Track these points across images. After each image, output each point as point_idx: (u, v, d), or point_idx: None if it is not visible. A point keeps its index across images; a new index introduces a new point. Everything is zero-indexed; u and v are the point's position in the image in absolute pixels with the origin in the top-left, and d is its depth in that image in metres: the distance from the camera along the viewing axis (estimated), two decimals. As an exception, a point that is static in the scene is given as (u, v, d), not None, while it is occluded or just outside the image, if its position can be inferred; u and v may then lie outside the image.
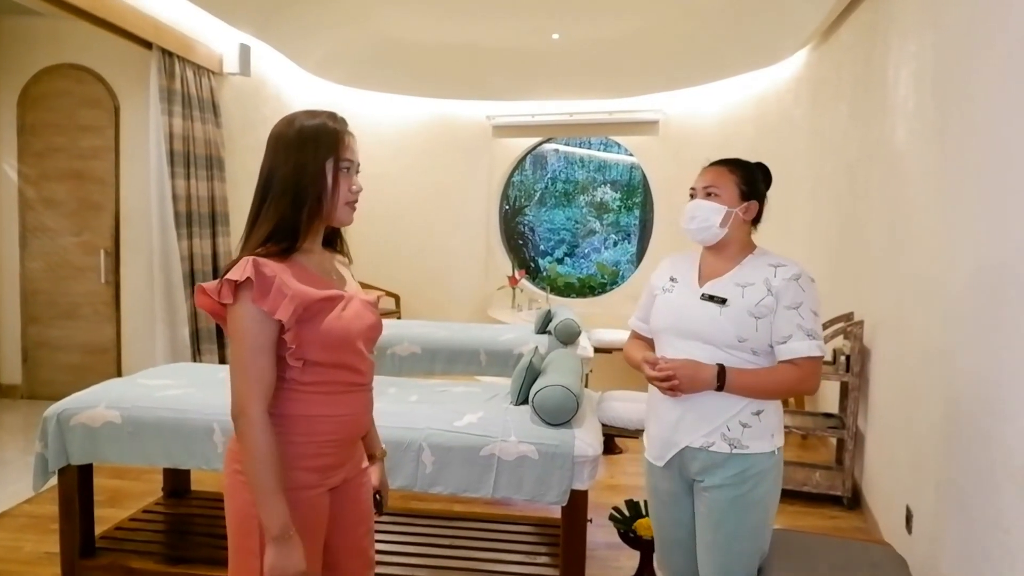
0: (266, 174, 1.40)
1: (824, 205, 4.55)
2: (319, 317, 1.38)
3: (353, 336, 1.45)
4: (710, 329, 1.78)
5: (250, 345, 1.33)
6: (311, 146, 1.39)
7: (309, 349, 1.37)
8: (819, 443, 4.56)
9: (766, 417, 1.79)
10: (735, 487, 1.79)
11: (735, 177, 1.86)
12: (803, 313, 1.74)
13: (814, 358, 1.74)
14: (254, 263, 1.32)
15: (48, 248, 5.00)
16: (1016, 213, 1.85)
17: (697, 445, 1.81)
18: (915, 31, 2.93)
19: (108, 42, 4.29)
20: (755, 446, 1.78)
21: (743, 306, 1.76)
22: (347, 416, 1.47)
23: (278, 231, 1.38)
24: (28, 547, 2.98)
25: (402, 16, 5.68)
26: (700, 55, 5.98)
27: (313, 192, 1.39)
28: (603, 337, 5.49)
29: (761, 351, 1.78)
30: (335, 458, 1.48)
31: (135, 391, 2.76)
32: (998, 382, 1.90)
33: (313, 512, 1.44)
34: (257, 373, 1.33)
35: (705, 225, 1.83)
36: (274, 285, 1.32)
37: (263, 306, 1.31)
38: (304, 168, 1.38)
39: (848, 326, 3.54)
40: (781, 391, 1.80)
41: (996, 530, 1.84)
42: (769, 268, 1.80)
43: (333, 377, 1.43)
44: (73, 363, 4.99)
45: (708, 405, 1.78)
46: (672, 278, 1.94)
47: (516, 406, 2.76)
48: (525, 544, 2.95)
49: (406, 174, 7.35)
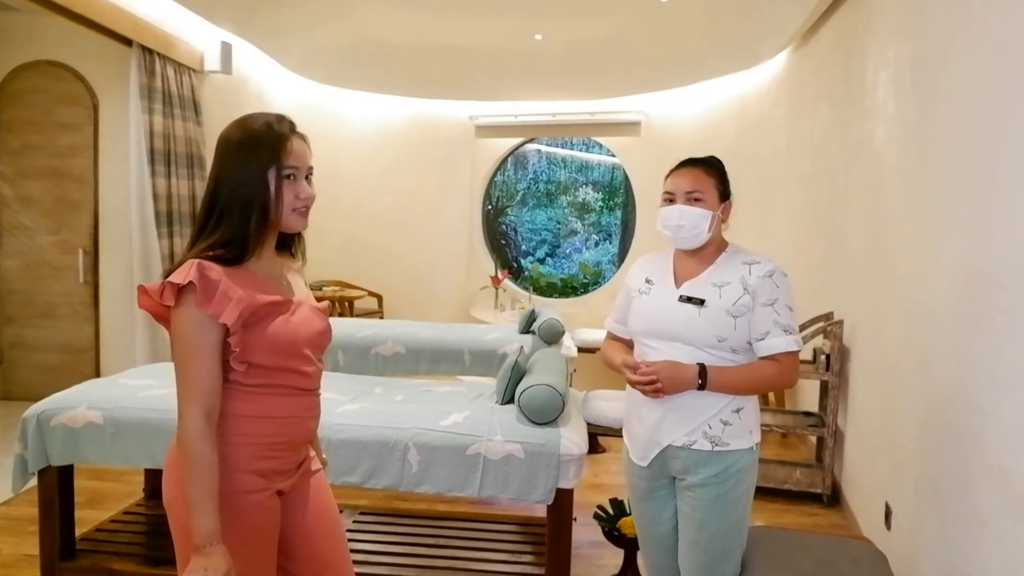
0: (214, 180, 1.38)
1: (804, 206, 4.61)
2: (265, 321, 1.37)
3: (300, 342, 1.44)
4: (689, 330, 1.80)
5: (191, 348, 1.31)
6: (254, 154, 1.36)
7: (254, 353, 1.36)
8: (799, 441, 4.61)
9: (745, 414, 1.82)
10: (717, 485, 1.81)
11: (714, 180, 1.86)
12: (779, 309, 1.77)
13: (792, 352, 1.77)
14: (199, 267, 1.30)
15: (25, 247, 4.92)
16: (993, 214, 1.89)
17: (679, 444, 1.82)
18: (894, 35, 2.97)
19: (87, 39, 4.24)
20: (735, 443, 1.81)
21: (721, 306, 1.78)
22: (290, 418, 1.45)
23: (230, 242, 1.36)
24: (6, 550, 2.94)
25: (384, 15, 5.67)
26: (682, 57, 6.03)
27: (259, 202, 1.36)
28: (586, 337, 5.51)
29: (740, 349, 1.80)
30: (279, 461, 1.46)
31: (117, 391, 2.73)
32: (975, 381, 1.94)
33: (261, 516, 1.42)
34: (196, 376, 1.31)
35: (694, 232, 1.83)
36: (219, 289, 1.30)
37: (207, 310, 1.30)
38: (249, 179, 1.35)
39: (828, 325, 3.59)
40: (762, 386, 1.84)
41: (973, 525, 1.88)
42: (744, 266, 1.82)
43: (278, 380, 1.42)
44: (50, 364, 4.92)
45: (690, 404, 1.80)
46: (648, 279, 1.95)
47: (502, 405, 2.77)
48: (510, 543, 2.96)
49: (388, 174, 7.33)
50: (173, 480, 1.39)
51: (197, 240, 1.38)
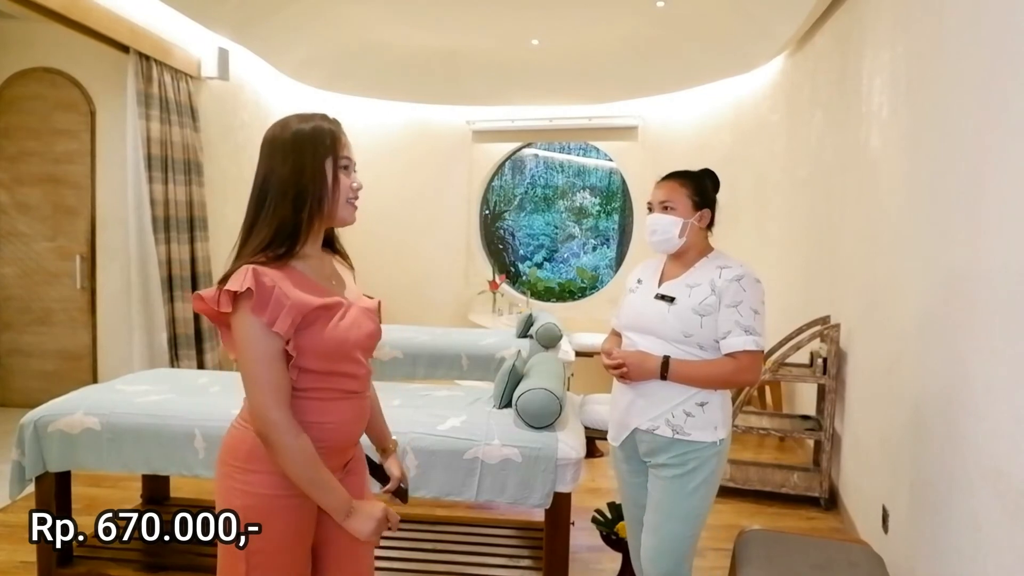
0: (262, 178, 1.38)
1: (800, 209, 4.62)
2: (316, 325, 1.37)
3: (350, 346, 1.43)
4: (660, 325, 1.97)
5: (259, 355, 1.31)
6: (309, 147, 1.38)
7: (305, 357, 1.36)
8: (796, 445, 4.62)
9: (710, 409, 1.95)
10: (675, 467, 1.95)
11: (686, 190, 2.03)
12: (742, 311, 1.90)
13: (751, 352, 1.89)
14: (254, 272, 1.30)
15: (22, 253, 4.92)
16: (987, 217, 1.90)
17: (644, 427, 1.99)
18: (888, 40, 2.99)
19: (84, 46, 4.24)
20: (697, 435, 1.94)
21: (688, 304, 1.94)
22: (336, 424, 1.44)
23: (278, 235, 1.35)
24: (3, 556, 2.93)
25: (381, 20, 5.68)
26: (678, 62, 6.05)
27: (313, 192, 1.38)
28: (584, 341, 5.52)
29: (708, 346, 1.93)
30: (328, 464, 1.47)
31: (114, 397, 2.73)
32: (970, 384, 1.95)
33: (298, 518, 1.43)
34: (271, 380, 1.32)
35: (665, 237, 2.01)
36: (273, 295, 1.30)
37: (262, 317, 1.30)
38: (303, 169, 1.37)
39: (824, 329, 3.60)
40: (720, 381, 1.95)
41: (969, 528, 1.89)
42: (716, 270, 1.96)
43: (328, 384, 1.42)
44: (47, 370, 4.91)
45: (656, 393, 1.96)
46: (639, 280, 2.14)
47: (499, 409, 2.77)
48: (508, 547, 2.96)
49: (386, 178, 7.33)
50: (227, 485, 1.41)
51: (247, 241, 1.38)
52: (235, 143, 5.49)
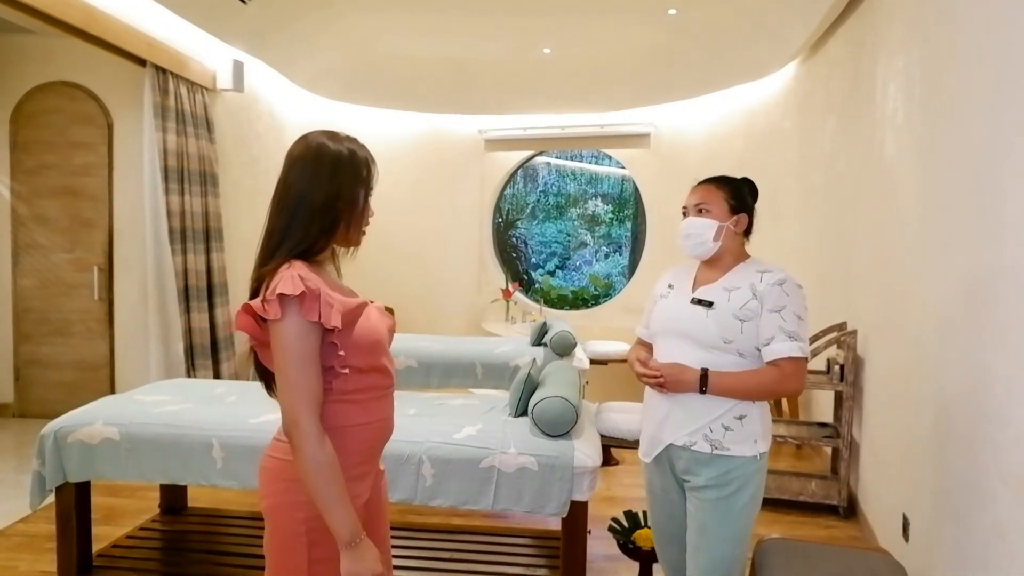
0: (294, 196, 1.39)
1: (814, 216, 4.60)
2: (356, 323, 1.40)
3: (383, 339, 1.48)
4: (697, 330, 1.88)
5: (298, 358, 1.31)
6: (349, 173, 1.42)
7: (352, 354, 1.38)
8: (814, 453, 4.58)
9: (749, 423, 1.86)
10: (718, 488, 1.86)
11: (723, 193, 1.96)
12: (786, 316, 1.81)
13: (795, 359, 1.80)
14: (301, 276, 1.31)
15: (40, 265, 4.98)
16: (1004, 222, 1.88)
17: (680, 444, 1.90)
18: (902, 46, 2.98)
19: (101, 59, 4.30)
20: (736, 449, 1.85)
21: (728, 309, 1.85)
22: (382, 421, 1.49)
23: (304, 246, 1.39)
24: (23, 567, 2.96)
25: (393, 31, 5.72)
26: (690, 69, 6.04)
27: (345, 217, 1.42)
28: (598, 349, 5.50)
29: (748, 354, 1.85)
30: (371, 465, 1.50)
31: (133, 407, 2.75)
32: (990, 389, 1.93)
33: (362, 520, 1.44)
34: (307, 384, 1.32)
35: (700, 240, 1.94)
36: (321, 296, 1.32)
37: (312, 317, 1.31)
38: (339, 194, 1.40)
39: (841, 335, 3.57)
40: (763, 391, 1.86)
41: (992, 537, 1.86)
42: (756, 274, 1.89)
43: (371, 382, 1.45)
44: (66, 381, 4.96)
45: (693, 406, 1.87)
46: (670, 285, 2.05)
47: (515, 418, 2.77)
48: (524, 556, 2.95)
49: (399, 188, 7.37)
50: (272, 489, 1.42)
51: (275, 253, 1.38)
52: (250, 154, 5.53)
